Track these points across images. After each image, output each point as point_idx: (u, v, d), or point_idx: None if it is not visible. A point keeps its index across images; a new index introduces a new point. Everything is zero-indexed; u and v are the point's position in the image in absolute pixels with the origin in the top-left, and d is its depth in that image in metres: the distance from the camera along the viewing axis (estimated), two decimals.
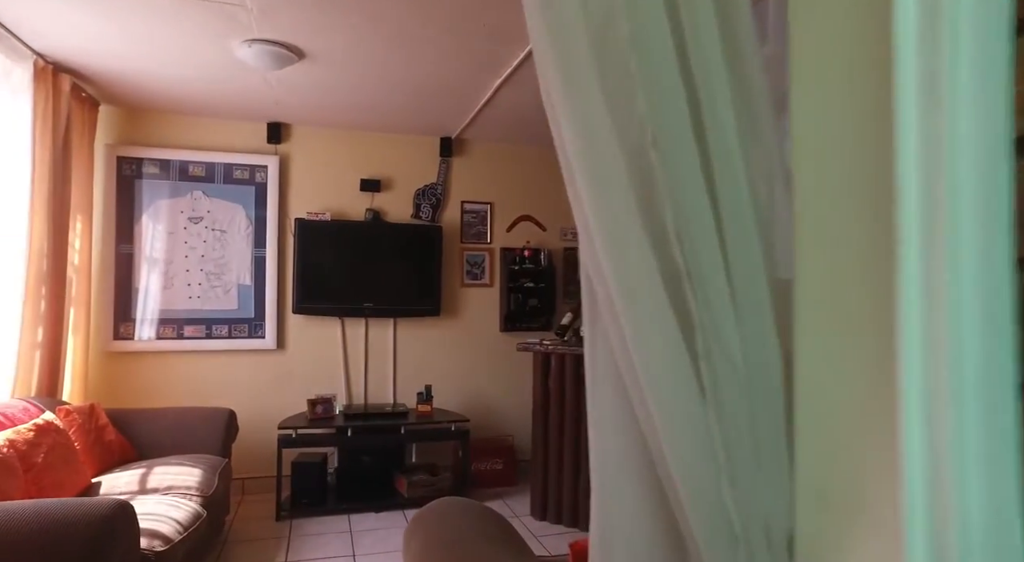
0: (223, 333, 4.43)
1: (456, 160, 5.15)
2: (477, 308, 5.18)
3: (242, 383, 4.53)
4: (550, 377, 4.11)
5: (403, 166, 4.99)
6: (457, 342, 5.11)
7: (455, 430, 4.41)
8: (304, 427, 4.10)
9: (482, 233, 5.21)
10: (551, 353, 4.10)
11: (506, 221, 5.29)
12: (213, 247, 4.43)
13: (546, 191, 5.42)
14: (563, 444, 4.04)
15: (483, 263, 5.20)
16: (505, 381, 5.23)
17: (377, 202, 4.90)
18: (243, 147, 4.56)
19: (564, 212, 5.44)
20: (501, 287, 5.23)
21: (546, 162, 5.42)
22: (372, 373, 4.86)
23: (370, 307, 4.69)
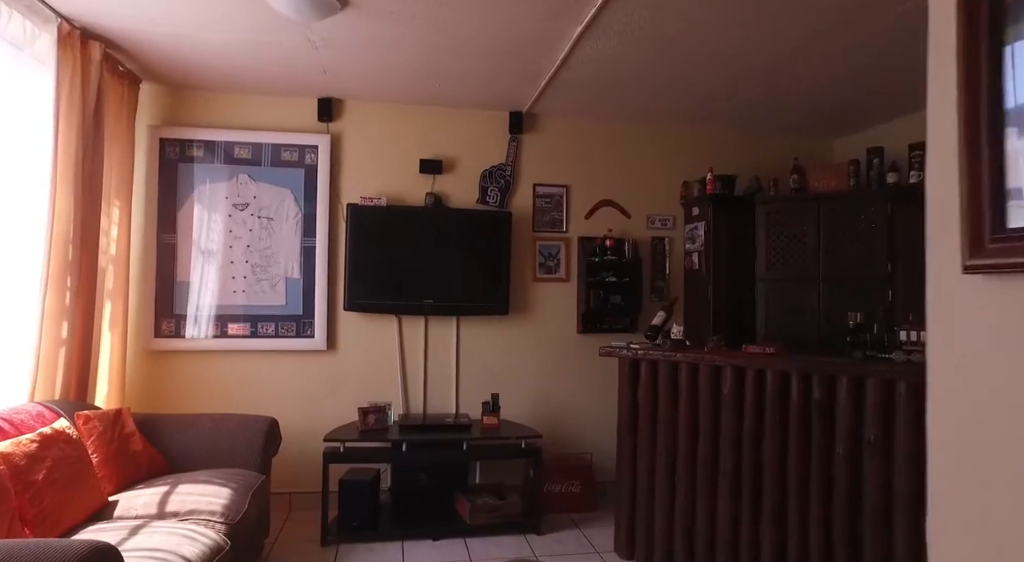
0: (269, 331, 4.00)
1: (527, 138, 4.52)
2: (551, 306, 4.53)
3: (288, 387, 4.08)
4: (640, 387, 3.41)
5: (467, 145, 4.42)
6: (528, 345, 4.48)
7: (526, 447, 3.78)
8: (354, 440, 3.59)
9: (557, 220, 4.56)
10: (641, 359, 3.40)
11: (584, 207, 4.62)
12: (259, 236, 4.02)
13: (630, 172, 4.70)
14: (655, 467, 3.32)
15: (558, 255, 4.55)
16: (583, 390, 4.55)
17: (438, 185, 4.35)
18: (292, 125, 4.13)
19: (651, 196, 4.71)
20: (579, 282, 4.56)
21: (630, 138, 4.70)
22: (432, 379, 4.31)
23: (430, 304, 4.14)
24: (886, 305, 3.94)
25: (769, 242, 4.31)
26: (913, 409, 2.63)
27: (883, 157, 4.06)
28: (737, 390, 3.11)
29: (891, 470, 2.67)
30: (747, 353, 3.14)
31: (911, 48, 3.12)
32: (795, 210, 4.23)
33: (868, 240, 4.00)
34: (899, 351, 2.82)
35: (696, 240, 4.55)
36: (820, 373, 2.86)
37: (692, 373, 3.24)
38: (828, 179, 4.18)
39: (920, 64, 1.26)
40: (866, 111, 4.28)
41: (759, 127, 4.73)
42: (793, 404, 2.95)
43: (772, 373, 3.00)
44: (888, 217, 3.95)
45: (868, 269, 4.00)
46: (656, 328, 3.59)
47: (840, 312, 4.05)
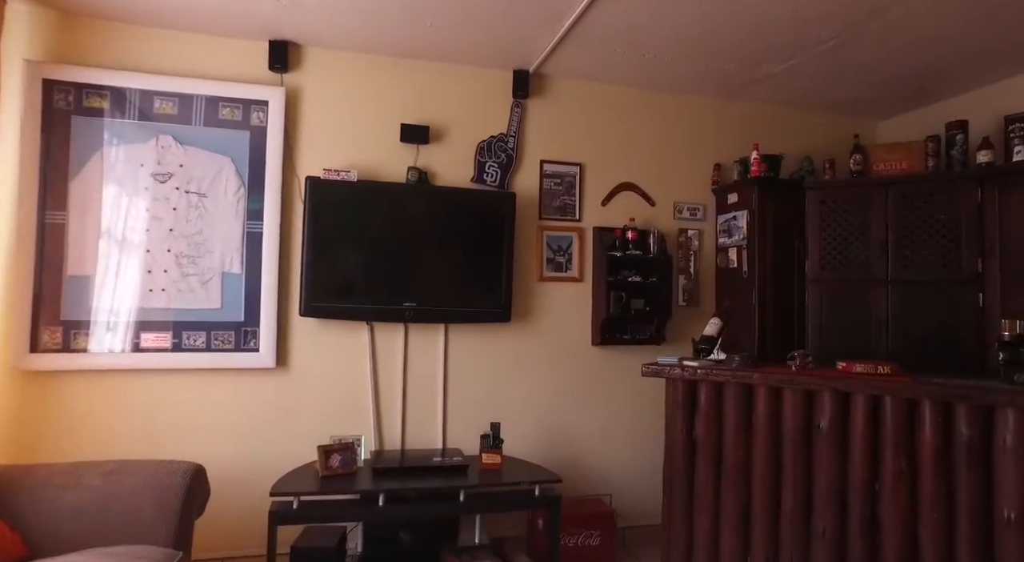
0: (198, 343, 3.01)
1: (534, 104, 3.67)
2: (562, 312, 3.67)
3: (222, 419, 3.09)
4: (699, 418, 2.58)
5: (462, 110, 3.53)
6: (534, 360, 3.60)
7: (540, 495, 2.89)
8: (311, 492, 2.63)
9: (569, 206, 3.71)
10: (701, 380, 2.57)
11: (601, 191, 3.79)
12: (187, 218, 3.03)
13: (655, 151, 3.90)
14: (720, 528, 2.49)
15: (570, 248, 3.70)
16: (601, 417, 3.70)
17: (424, 158, 3.44)
18: (235, 74, 3.16)
19: (678, 181, 3.92)
20: (595, 282, 3.72)
21: (656, 110, 3.91)
22: (413, 404, 3.38)
23: (412, 308, 3.22)
24: (976, 311, 3.23)
25: (824, 236, 3.56)
26: None
27: (967, 132, 3.36)
28: (839, 423, 2.31)
29: None
30: (852, 373, 2.34)
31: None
32: (856, 197, 3.49)
33: (951, 232, 3.29)
34: None
35: (734, 233, 3.77)
36: (971, 403, 2.09)
37: (774, 399, 2.43)
38: (898, 160, 3.46)
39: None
40: (945, 79, 3.58)
41: (805, 101, 4.00)
42: (926, 445, 2.16)
43: (893, 401, 2.21)
44: (978, 204, 3.24)
45: (952, 268, 3.28)
46: (712, 340, 2.77)
47: (914, 319, 3.33)
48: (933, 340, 3.30)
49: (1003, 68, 3.38)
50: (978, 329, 3.22)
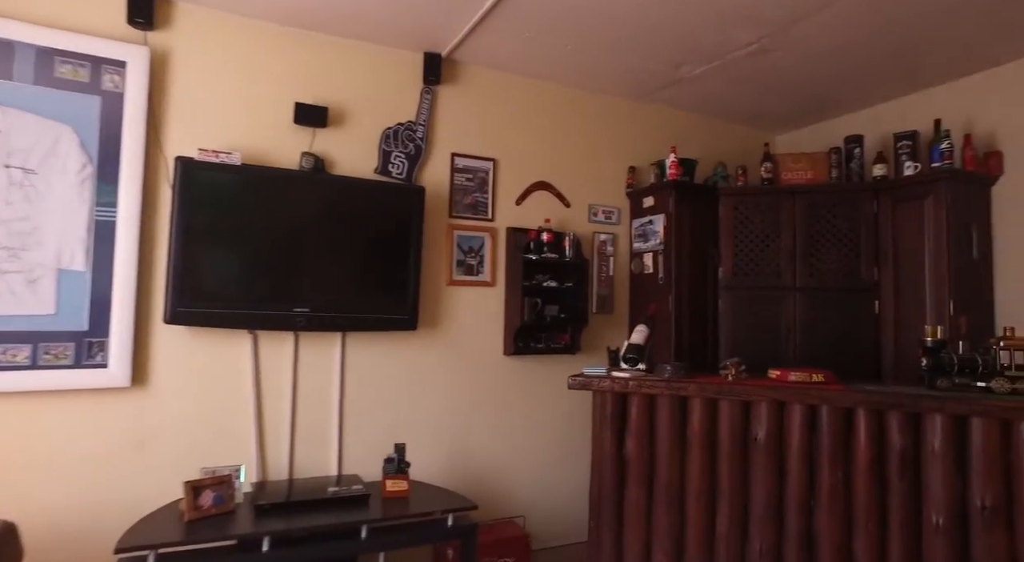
0: (21, 359, 2.38)
1: (447, 92, 3.36)
2: (473, 318, 3.37)
3: (54, 456, 2.47)
4: (629, 434, 2.39)
5: (365, 91, 3.15)
6: (441, 372, 3.27)
7: (454, 525, 2.57)
8: (173, 543, 2.13)
9: (481, 204, 3.44)
10: (633, 393, 2.38)
11: (516, 189, 3.55)
12: (7, 199, 2.40)
13: (572, 150, 3.73)
14: (653, 553, 2.31)
15: (482, 250, 3.42)
16: (514, 433, 3.44)
17: (321, 143, 3.02)
18: (81, 23, 2.57)
19: (594, 182, 3.78)
20: (508, 287, 3.46)
21: (574, 107, 3.74)
22: (305, 425, 2.93)
23: (304, 314, 2.79)
24: (872, 318, 3.34)
25: (737, 243, 3.56)
26: None
27: (863, 146, 3.50)
28: (776, 435, 2.21)
29: (1016, 548, 1.90)
30: (788, 382, 2.25)
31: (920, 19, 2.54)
32: (767, 205, 3.52)
33: (852, 242, 3.39)
34: (1001, 378, 2.10)
35: (650, 237, 3.68)
36: (903, 411, 2.05)
37: (709, 412, 2.29)
38: (804, 170, 3.53)
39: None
40: (843, 94, 3.72)
41: (715, 109, 4.01)
42: (861, 454, 2.10)
43: (829, 411, 2.14)
44: (874, 215, 3.37)
45: (852, 277, 3.38)
46: (639, 349, 2.60)
47: (820, 326, 3.39)
48: (837, 346, 3.37)
49: (894, 86, 3.56)
50: (874, 336, 3.33)
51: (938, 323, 3.05)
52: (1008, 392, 2.08)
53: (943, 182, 3.08)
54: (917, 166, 3.22)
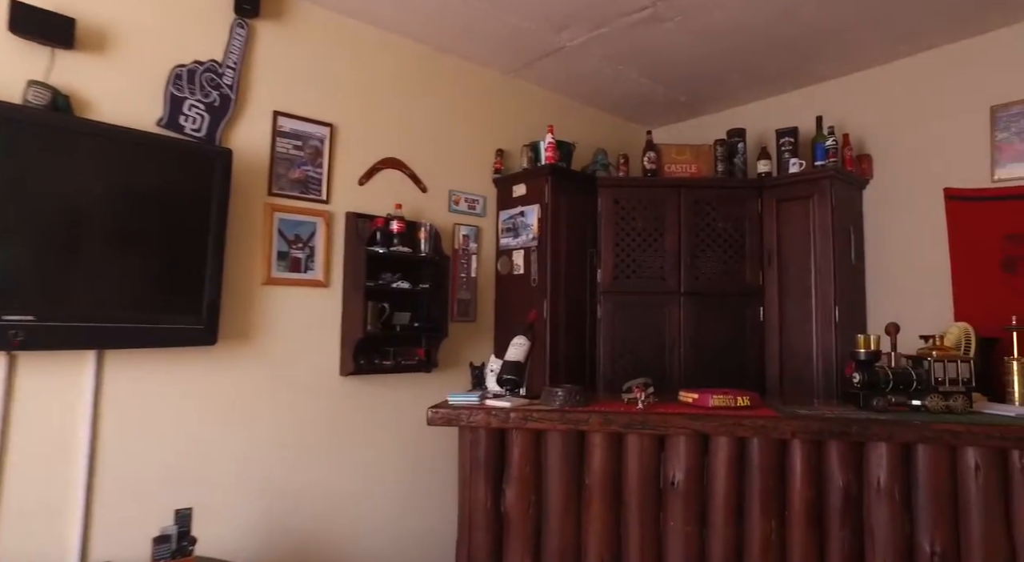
0: None
1: (270, 30, 2.55)
2: (299, 328, 2.58)
3: None
4: (509, 481, 1.79)
5: (145, 7, 2.24)
6: (255, 400, 2.43)
7: None
8: None
9: (313, 181, 2.65)
10: (516, 428, 1.79)
11: (360, 165, 2.82)
12: None
13: (432, 123, 3.08)
14: None
15: (312, 239, 2.64)
16: (351, 474, 2.68)
17: (67, 73, 2.06)
18: None
19: (456, 164, 3.17)
20: (347, 288, 2.71)
21: (434, 71, 3.10)
22: (22, 490, 1.94)
23: (22, 325, 1.83)
24: (757, 325, 3.08)
25: (618, 241, 3.14)
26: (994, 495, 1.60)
27: (746, 141, 3.26)
28: (697, 476, 1.72)
29: None
30: (710, 409, 1.79)
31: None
32: (650, 199, 3.15)
33: (737, 243, 3.12)
34: (935, 395, 1.79)
35: (521, 231, 3.13)
36: (845, 440, 1.66)
37: (613, 451, 1.75)
38: (688, 162, 3.21)
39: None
40: (724, 87, 3.47)
41: (592, 94, 3.59)
42: (797, 496, 1.68)
43: (761, 444, 1.70)
44: (759, 214, 3.13)
45: (737, 280, 3.10)
46: (519, 368, 2.01)
47: (706, 335, 3.07)
48: (724, 357, 3.06)
49: (776, 81, 3.38)
50: (759, 344, 3.08)
51: (824, 330, 2.84)
52: (942, 410, 1.79)
53: (829, 181, 2.88)
54: (801, 163, 3.02)
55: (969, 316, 2.49)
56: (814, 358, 2.87)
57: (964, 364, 1.82)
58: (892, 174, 3.06)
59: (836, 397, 2.76)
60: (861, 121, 3.17)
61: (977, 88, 2.82)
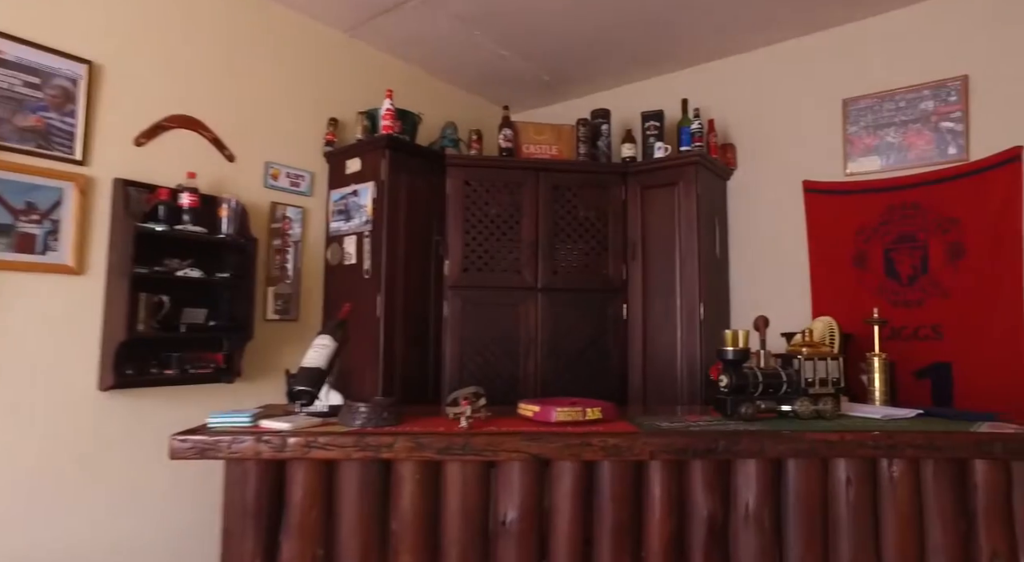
0: None
1: None
2: (35, 328, 1.91)
3: None
4: (287, 531, 1.30)
5: None
6: None
7: None
8: None
9: (60, 133, 1.99)
10: (298, 458, 1.31)
11: (137, 119, 2.19)
12: None
13: (248, 79, 2.50)
14: None
15: (56, 210, 1.98)
16: (113, 521, 2.04)
17: None
18: None
19: (278, 132, 2.63)
20: (110, 276, 2.07)
21: (258, 18, 2.53)
22: None
23: None
24: (620, 323, 2.82)
25: (468, 228, 2.75)
26: (865, 510, 1.37)
27: (611, 123, 3.00)
28: (535, 512, 1.34)
29: None
30: (554, 424, 1.42)
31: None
32: (505, 182, 2.79)
33: (599, 233, 2.84)
34: (804, 399, 1.55)
35: (354, 214, 2.64)
36: (713, 457, 1.35)
37: (429, 484, 1.33)
38: (548, 143, 2.89)
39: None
40: (588, 69, 3.19)
41: (445, 67, 3.18)
42: (655, 530, 1.35)
43: (613, 468, 1.35)
44: (623, 202, 2.87)
45: (599, 274, 2.82)
46: (317, 376, 1.54)
47: (564, 334, 2.76)
48: (584, 359, 2.76)
49: (642, 64, 3.16)
50: (622, 344, 2.81)
51: (689, 328, 2.62)
52: (812, 416, 1.55)
53: (694, 167, 2.68)
54: (667, 148, 2.80)
55: (825, 312, 2.36)
56: (678, 359, 2.64)
57: (833, 362, 1.60)
58: (755, 165, 2.94)
59: (700, 402, 2.55)
60: (726, 109, 3.03)
61: (831, 81, 2.75)
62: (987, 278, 2.34)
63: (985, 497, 1.42)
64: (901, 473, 1.39)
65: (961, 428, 1.47)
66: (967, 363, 2.36)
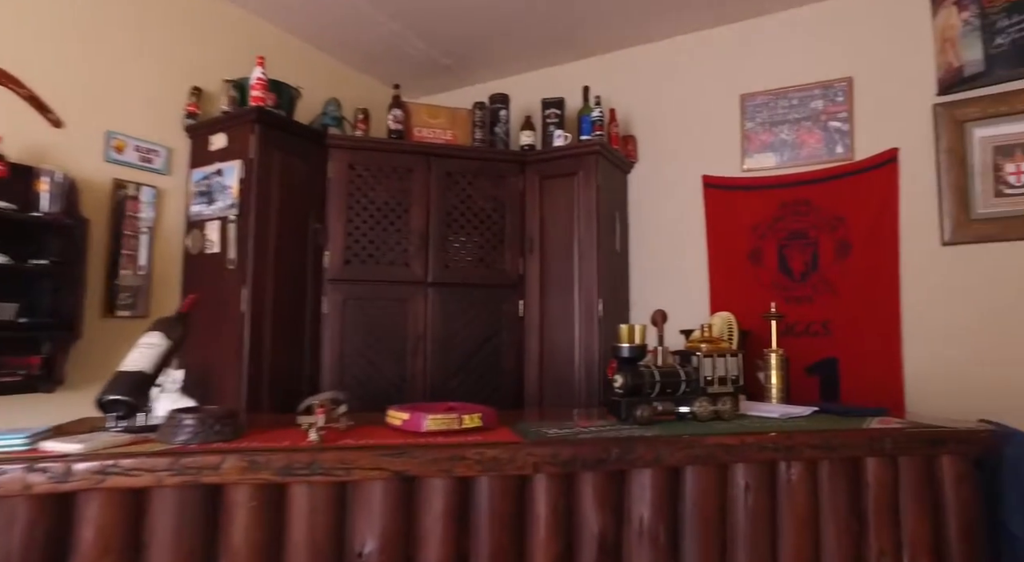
0: None
1: None
2: None
3: None
4: None
5: None
6: None
7: None
8: None
9: None
10: (91, 489, 1.01)
11: None
12: None
13: (89, 33, 2.11)
14: None
15: None
16: None
17: None
18: None
19: (128, 98, 2.26)
20: None
21: None
22: None
23: None
24: (516, 322, 2.65)
25: (352, 216, 2.49)
26: (763, 518, 1.27)
27: (509, 108, 2.84)
28: (398, 543, 1.13)
29: None
30: (423, 434, 1.21)
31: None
32: (394, 167, 2.55)
33: (496, 225, 2.67)
34: (703, 399, 1.44)
35: (218, 197, 2.31)
36: (604, 468, 1.20)
37: (270, 513, 1.08)
38: (443, 128, 2.68)
39: None
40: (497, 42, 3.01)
41: (338, 42, 2.89)
42: (540, 553, 1.18)
43: (493, 484, 1.16)
44: (521, 192, 2.72)
45: (495, 269, 2.65)
46: (140, 384, 1.25)
47: (457, 333, 2.56)
48: (477, 359, 2.57)
49: (544, 52, 3.02)
50: (518, 343, 2.65)
51: (587, 326, 2.50)
52: (711, 417, 1.44)
53: (595, 157, 2.57)
54: (567, 136, 2.67)
55: (722, 308, 2.31)
56: (576, 358, 2.51)
57: (733, 359, 1.51)
58: (656, 158, 2.87)
59: (598, 403, 2.43)
60: (628, 101, 2.95)
61: (731, 76, 2.73)
62: (869, 275, 2.38)
63: (875, 495, 1.36)
64: (799, 475, 1.31)
65: (854, 425, 1.42)
66: (852, 358, 2.39)
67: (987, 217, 2.23)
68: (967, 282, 2.22)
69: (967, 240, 2.24)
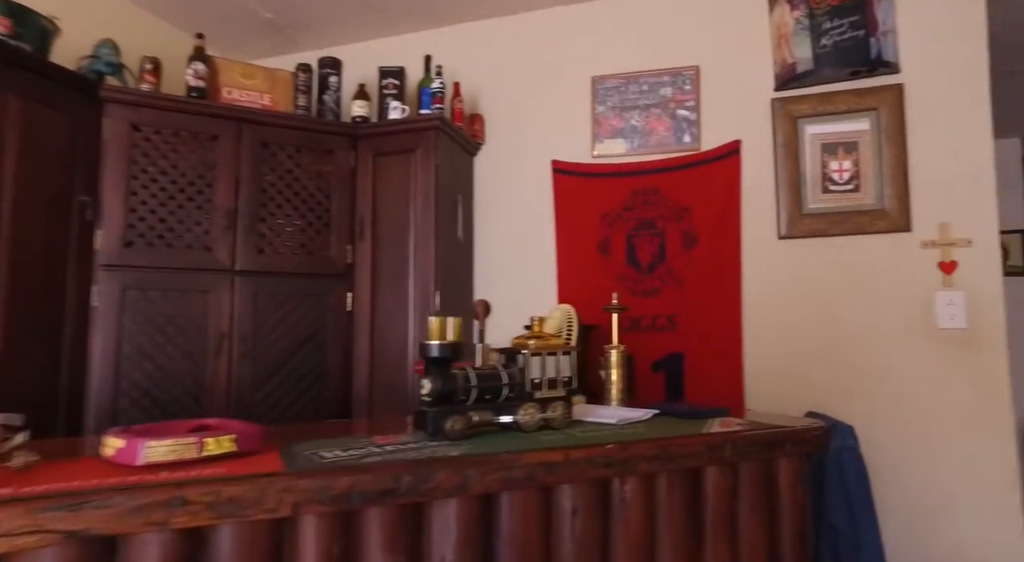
0: None
1: None
2: None
3: None
4: None
5: None
6: None
7: None
8: None
9: None
10: None
11: None
12: None
13: None
14: None
15: None
16: None
17: None
18: None
19: None
20: None
21: None
22: None
23: None
24: (344, 317, 2.33)
25: (136, 188, 2.03)
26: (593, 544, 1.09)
27: (341, 74, 2.49)
28: None
29: None
30: (135, 470, 0.87)
31: None
32: (194, 131, 2.12)
33: (321, 206, 2.32)
34: (529, 406, 1.22)
35: None
36: (393, 503, 0.93)
37: None
38: (259, 91, 2.28)
39: None
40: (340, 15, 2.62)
41: None
42: None
43: (238, 534, 0.85)
44: (352, 170, 2.38)
45: (319, 256, 2.30)
46: None
47: (271, 331, 2.19)
48: (295, 360, 2.21)
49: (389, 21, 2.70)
50: (345, 341, 2.32)
51: (422, 322, 2.23)
52: (538, 426, 1.23)
53: (435, 132, 2.30)
54: (405, 109, 2.38)
55: (570, 302, 2.15)
56: (410, 358, 2.23)
57: (565, 357, 1.31)
58: (505, 140, 2.67)
59: None
60: (475, 78, 2.72)
61: (583, 56, 2.59)
62: (713, 268, 2.34)
63: (714, 506, 1.23)
64: (633, 492, 1.13)
65: (695, 429, 1.28)
66: (696, 353, 2.33)
67: (816, 212, 2.26)
68: (799, 276, 2.24)
69: (799, 234, 2.26)
